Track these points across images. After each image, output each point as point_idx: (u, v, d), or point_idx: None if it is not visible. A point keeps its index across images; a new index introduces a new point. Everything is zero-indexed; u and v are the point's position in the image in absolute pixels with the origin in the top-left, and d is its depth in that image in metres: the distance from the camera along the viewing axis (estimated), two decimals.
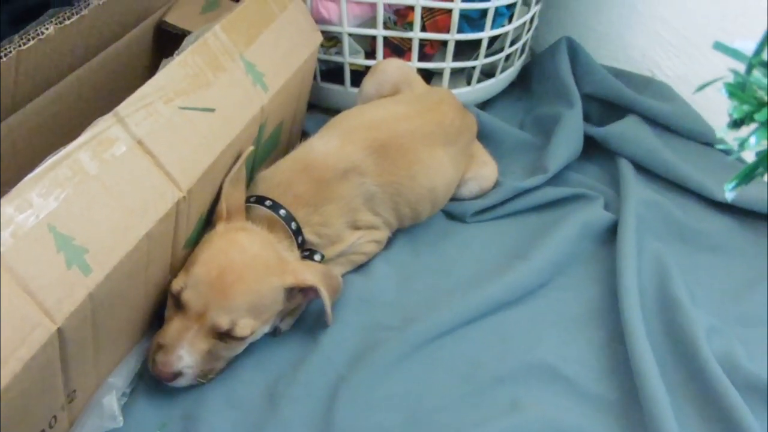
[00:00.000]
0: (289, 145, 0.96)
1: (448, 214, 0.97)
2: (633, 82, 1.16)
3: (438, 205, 0.94)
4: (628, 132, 1.06)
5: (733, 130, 0.37)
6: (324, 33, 0.98)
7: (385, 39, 1.04)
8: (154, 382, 0.72)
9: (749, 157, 0.38)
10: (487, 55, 1.08)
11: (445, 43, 1.04)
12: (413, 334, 0.77)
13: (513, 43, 1.11)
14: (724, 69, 0.37)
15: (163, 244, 0.67)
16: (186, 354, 0.69)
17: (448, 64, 1.06)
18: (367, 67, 1.02)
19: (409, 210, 0.88)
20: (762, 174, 0.38)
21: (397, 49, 1.07)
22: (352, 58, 1.05)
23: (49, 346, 0.53)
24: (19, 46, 0.72)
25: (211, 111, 0.71)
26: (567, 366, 0.76)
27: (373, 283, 0.85)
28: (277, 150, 0.94)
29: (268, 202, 0.78)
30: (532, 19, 1.14)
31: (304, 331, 0.80)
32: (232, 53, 0.76)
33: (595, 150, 1.07)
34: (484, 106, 1.18)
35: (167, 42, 0.95)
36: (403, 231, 0.93)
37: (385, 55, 1.05)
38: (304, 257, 0.80)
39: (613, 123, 1.09)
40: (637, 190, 0.97)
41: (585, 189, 0.99)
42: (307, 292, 0.76)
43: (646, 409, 0.69)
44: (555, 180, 1.01)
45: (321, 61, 1.07)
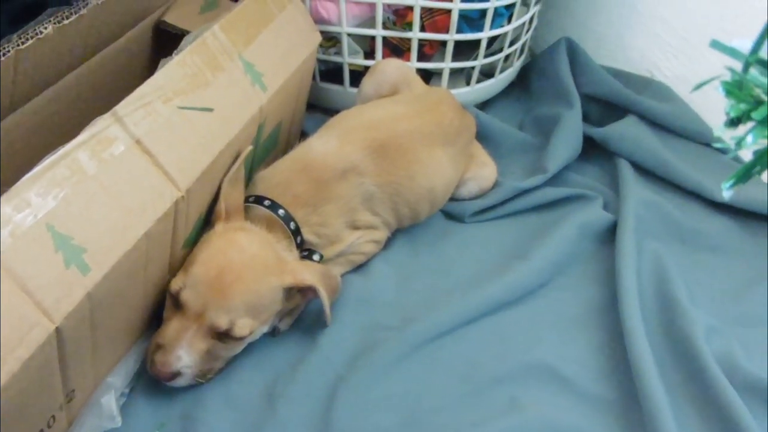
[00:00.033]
0: (288, 146, 0.96)
1: (447, 215, 0.97)
2: (632, 82, 1.15)
3: (437, 205, 0.94)
4: (627, 132, 1.05)
5: (730, 129, 0.37)
6: (323, 33, 0.98)
7: (384, 39, 1.04)
8: (152, 382, 0.72)
9: (747, 155, 0.38)
10: (486, 56, 1.08)
11: (444, 43, 1.04)
12: (412, 334, 0.77)
13: (512, 43, 1.11)
14: (723, 69, 0.37)
15: (161, 243, 0.67)
16: (185, 354, 0.69)
17: (447, 65, 1.06)
18: (366, 67, 1.02)
19: (408, 210, 0.88)
20: (759, 173, 0.38)
21: (396, 49, 1.07)
22: (351, 58, 1.05)
23: (48, 346, 0.53)
24: (18, 46, 0.71)
25: (210, 111, 0.71)
26: (566, 366, 0.76)
27: (372, 283, 0.85)
28: (276, 150, 0.94)
29: (266, 202, 0.78)
30: (532, 20, 1.14)
31: (302, 331, 0.80)
32: (231, 53, 0.76)
33: (594, 150, 1.07)
34: (484, 106, 1.18)
35: (166, 42, 0.94)
36: (402, 231, 0.93)
37: (384, 56, 1.05)
38: (303, 257, 0.80)
39: (612, 123, 1.08)
40: (636, 190, 0.97)
41: (584, 189, 0.99)
42: (305, 292, 0.76)
43: (646, 409, 0.69)
44: (554, 180, 1.01)
45: (320, 61, 1.07)
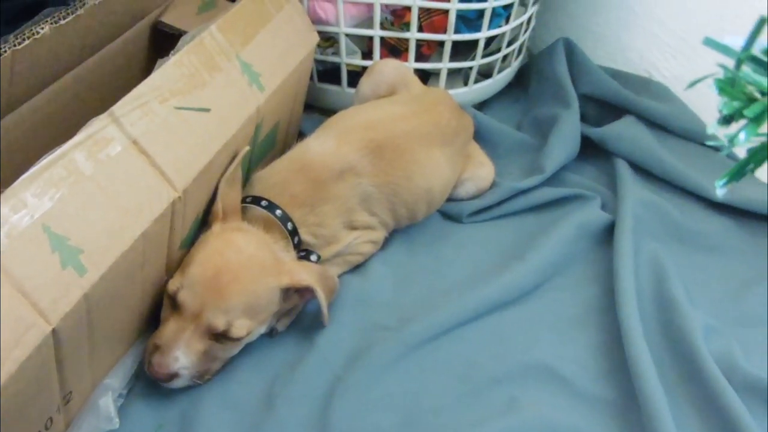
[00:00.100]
0: (285, 146, 0.96)
1: (445, 215, 0.97)
2: (630, 82, 1.15)
3: (434, 205, 0.94)
4: (625, 132, 1.05)
5: (723, 127, 0.37)
6: (321, 33, 0.98)
7: (382, 39, 1.04)
8: (150, 384, 0.72)
9: (743, 153, 0.38)
10: (484, 56, 1.08)
11: (441, 43, 1.04)
12: (410, 335, 0.77)
13: (510, 43, 1.11)
14: (717, 67, 0.37)
15: (158, 244, 0.67)
16: (182, 355, 0.69)
17: (445, 65, 1.06)
18: (364, 68, 1.02)
19: (406, 210, 0.88)
20: (753, 170, 0.38)
21: (394, 49, 1.07)
22: (348, 58, 1.05)
23: (44, 347, 0.53)
24: (14, 46, 0.71)
25: (207, 111, 0.70)
26: (564, 366, 0.76)
27: (370, 284, 0.85)
28: (274, 150, 0.94)
29: (264, 203, 0.78)
30: (529, 20, 1.14)
31: (300, 331, 0.79)
32: (228, 53, 0.76)
33: (592, 150, 1.07)
34: (481, 106, 1.18)
35: (163, 42, 0.94)
36: (400, 231, 0.93)
37: (382, 56, 1.05)
38: (301, 258, 0.80)
39: (610, 123, 1.09)
40: (634, 190, 0.97)
41: (582, 189, 0.99)
42: (303, 292, 0.76)
43: (644, 409, 0.69)
44: (552, 180, 1.01)
45: (318, 61, 1.07)
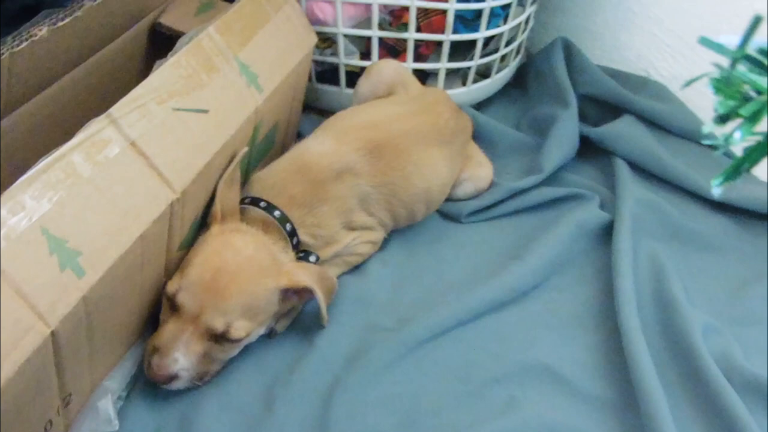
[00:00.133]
0: (284, 147, 0.96)
1: (444, 215, 0.97)
2: (628, 82, 1.15)
3: (433, 205, 0.94)
4: (623, 132, 1.05)
5: (719, 126, 0.37)
6: (319, 34, 0.98)
7: (380, 40, 1.04)
8: (150, 385, 0.72)
9: (740, 152, 0.38)
10: (482, 56, 1.08)
11: (440, 43, 1.04)
12: (409, 335, 0.77)
13: (508, 43, 1.11)
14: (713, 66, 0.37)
15: (157, 245, 0.67)
16: (181, 356, 0.69)
17: (444, 65, 1.06)
18: (362, 68, 1.02)
19: (404, 210, 0.88)
20: (748, 169, 0.38)
21: (392, 49, 1.07)
22: (347, 59, 1.05)
23: (43, 350, 0.53)
24: (12, 48, 0.71)
25: (205, 112, 0.70)
26: (563, 366, 0.76)
27: (369, 284, 0.85)
28: (273, 151, 0.94)
29: (262, 204, 0.78)
30: (528, 20, 1.14)
31: (299, 332, 0.79)
32: (226, 54, 0.76)
33: (590, 150, 1.07)
34: (480, 106, 1.17)
35: (161, 44, 0.94)
36: (399, 232, 0.93)
37: (380, 56, 1.05)
38: (299, 259, 0.80)
39: (608, 123, 1.08)
40: (632, 189, 0.97)
41: (581, 189, 0.99)
42: (302, 293, 0.75)
43: (644, 408, 0.69)
44: (551, 180, 1.01)
45: (316, 62, 1.07)
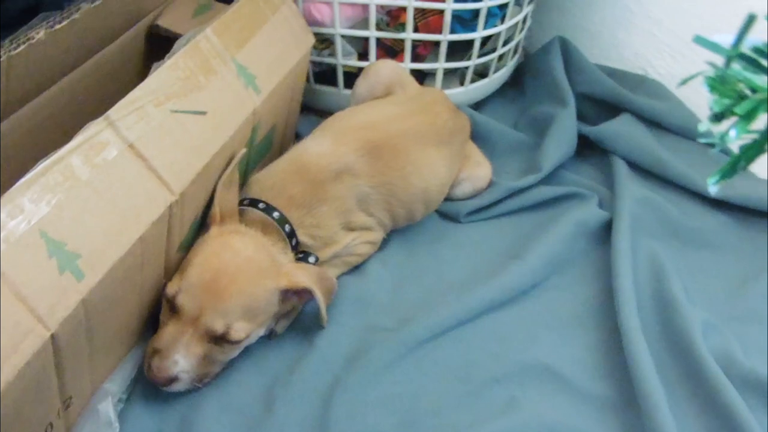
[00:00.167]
0: (282, 148, 0.96)
1: (443, 215, 0.97)
2: (626, 80, 1.16)
3: (432, 205, 0.94)
4: (621, 130, 1.06)
5: (714, 124, 0.37)
6: (316, 35, 0.98)
7: (378, 40, 1.04)
8: (150, 388, 0.72)
9: (736, 149, 0.38)
10: (479, 56, 1.08)
11: (437, 43, 1.04)
12: (408, 335, 0.77)
13: (506, 43, 1.11)
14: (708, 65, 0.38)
15: (156, 247, 0.67)
16: (181, 358, 0.69)
17: (441, 65, 1.06)
18: (360, 69, 1.02)
19: (403, 211, 0.88)
20: (744, 167, 0.38)
21: (389, 50, 1.07)
22: (344, 59, 1.05)
23: (43, 353, 0.53)
24: (10, 51, 0.71)
25: (203, 114, 0.70)
26: (563, 365, 0.76)
27: (368, 285, 0.85)
28: (271, 153, 0.94)
29: (261, 205, 0.78)
30: (525, 19, 1.14)
31: (299, 333, 0.79)
32: (224, 56, 0.76)
33: (589, 149, 1.07)
34: (478, 106, 1.17)
35: (159, 46, 0.94)
36: (398, 232, 0.93)
37: (378, 57, 1.05)
38: (299, 259, 0.80)
39: (606, 122, 1.09)
40: (631, 188, 0.97)
41: (579, 188, 0.99)
42: (301, 294, 0.75)
43: (644, 407, 0.69)
44: (549, 179, 1.01)
45: (314, 63, 1.07)
